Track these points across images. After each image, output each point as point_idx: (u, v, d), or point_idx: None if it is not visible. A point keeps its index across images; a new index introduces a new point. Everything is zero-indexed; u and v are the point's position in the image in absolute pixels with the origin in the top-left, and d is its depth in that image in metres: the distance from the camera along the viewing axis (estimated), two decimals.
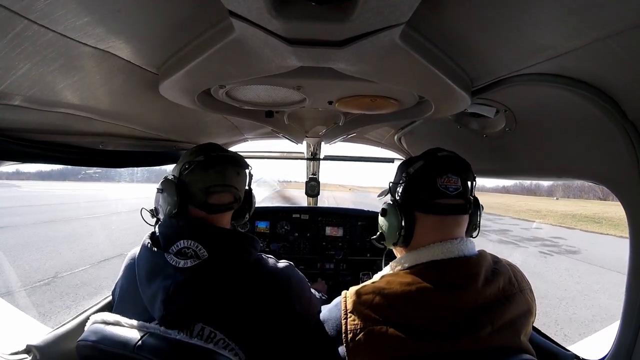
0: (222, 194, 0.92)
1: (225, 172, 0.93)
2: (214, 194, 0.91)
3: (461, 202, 0.78)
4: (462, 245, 0.75)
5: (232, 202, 0.95)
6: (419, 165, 0.82)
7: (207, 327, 0.75)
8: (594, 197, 44.72)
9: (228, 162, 0.94)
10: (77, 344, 0.74)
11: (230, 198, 0.94)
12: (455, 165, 0.80)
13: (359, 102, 0.97)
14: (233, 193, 0.94)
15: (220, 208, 0.92)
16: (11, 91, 0.66)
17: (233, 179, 0.94)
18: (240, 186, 0.98)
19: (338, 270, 2.00)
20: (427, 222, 0.79)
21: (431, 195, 0.78)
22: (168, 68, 0.73)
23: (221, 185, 0.92)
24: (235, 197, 0.95)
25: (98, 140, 1.10)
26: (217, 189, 0.91)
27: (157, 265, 0.79)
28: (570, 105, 0.75)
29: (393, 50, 0.57)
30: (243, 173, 0.99)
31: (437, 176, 0.77)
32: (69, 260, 6.81)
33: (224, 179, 0.92)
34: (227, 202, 0.93)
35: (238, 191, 0.96)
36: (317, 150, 2.13)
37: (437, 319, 0.66)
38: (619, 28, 0.48)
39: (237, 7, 0.46)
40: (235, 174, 0.95)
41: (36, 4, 0.45)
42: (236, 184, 0.95)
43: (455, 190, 0.77)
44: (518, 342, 0.69)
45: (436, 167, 0.79)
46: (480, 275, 0.71)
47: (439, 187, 0.76)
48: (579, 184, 3.61)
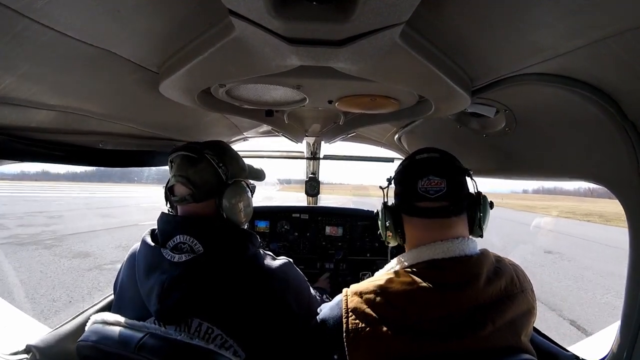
0: (176, 185, 0.91)
1: (179, 162, 0.91)
2: (173, 185, 0.92)
3: (444, 205, 0.76)
4: (463, 245, 0.75)
5: (188, 194, 0.89)
6: (399, 168, 0.82)
7: (205, 323, 0.75)
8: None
9: (183, 153, 0.91)
10: (77, 344, 0.74)
11: (183, 189, 0.90)
12: (437, 167, 0.77)
13: (359, 101, 0.97)
14: (185, 184, 0.89)
15: (177, 199, 0.91)
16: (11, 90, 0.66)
17: (186, 169, 0.89)
18: (199, 177, 0.90)
19: (338, 270, 2.00)
20: (415, 224, 0.80)
21: (412, 198, 0.77)
22: (168, 67, 0.73)
23: (174, 176, 0.91)
24: (190, 188, 0.89)
25: (98, 140, 1.10)
26: (172, 180, 0.91)
27: (154, 261, 0.80)
28: (570, 106, 0.75)
29: (393, 49, 0.57)
30: (203, 164, 0.91)
31: (417, 178, 0.76)
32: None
33: (177, 169, 0.90)
34: (181, 193, 0.90)
35: (192, 182, 0.89)
36: (316, 149, 2.13)
37: (438, 319, 0.66)
38: (619, 28, 0.48)
39: (237, 6, 0.46)
40: (187, 164, 0.90)
41: (36, 3, 0.45)
42: (190, 175, 0.89)
43: (437, 192, 0.74)
44: (518, 342, 0.69)
45: (416, 169, 0.78)
46: (482, 274, 0.70)
47: (418, 190, 0.75)
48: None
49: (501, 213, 19.46)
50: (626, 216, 0.75)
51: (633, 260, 0.74)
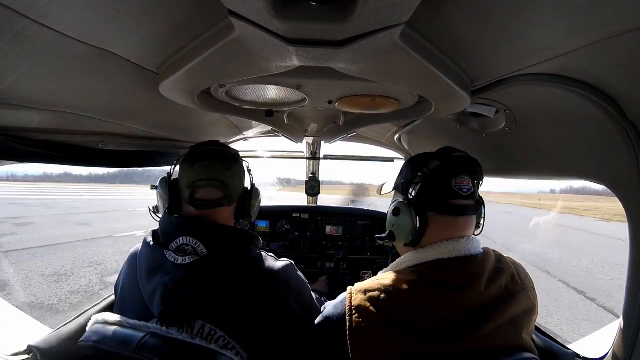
0: (208, 188, 0.88)
1: (211, 166, 0.89)
2: (199, 188, 0.88)
3: (472, 203, 0.79)
4: (469, 244, 0.76)
5: (222, 198, 0.89)
6: (435, 166, 0.80)
7: (207, 325, 0.75)
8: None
9: (215, 156, 0.90)
10: (78, 344, 0.74)
11: (218, 193, 0.89)
12: (468, 166, 0.80)
13: (359, 101, 0.97)
14: (221, 188, 0.89)
15: (208, 203, 0.88)
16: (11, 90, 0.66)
17: (221, 173, 0.89)
18: (233, 181, 0.92)
19: (338, 270, 2.01)
20: (440, 222, 0.79)
21: (446, 196, 0.77)
22: (168, 67, 0.73)
23: (206, 179, 0.88)
24: (225, 192, 0.90)
25: (98, 140, 1.10)
26: (202, 183, 0.88)
27: (157, 262, 0.79)
28: (570, 106, 0.75)
29: (393, 50, 0.57)
30: (236, 168, 0.93)
31: (452, 177, 0.77)
32: None
33: (209, 173, 0.88)
34: (215, 197, 0.89)
35: (227, 186, 0.90)
36: (316, 149, 2.13)
37: (441, 319, 0.66)
38: (619, 29, 0.48)
39: (237, 6, 0.46)
40: (223, 169, 0.90)
41: (37, 3, 0.45)
42: (225, 179, 0.90)
43: (468, 191, 0.77)
44: (519, 340, 0.69)
45: (452, 167, 0.79)
46: (484, 275, 0.71)
47: (453, 187, 0.76)
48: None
49: (554, 218, 17.11)
50: (626, 215, 0.75)
51: (633, 260, 0.74)
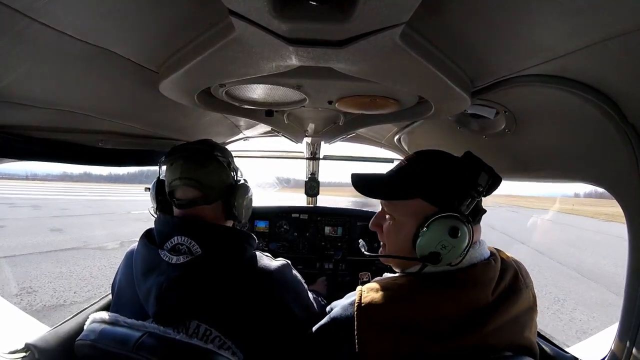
0: (183, 187, 0.88)
1: (185, 164, 0.88)
2: (176, 188, 0.88)
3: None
4: (483, 250, 0.76)
5: (198, 197, 0.88)
6: (485, 181, 0.73)
7: (203, 325, 0.75)
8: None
9: (189, 154, 0.89)
10: (76, 342, 0.74)
11: (193, 192, 0.88)
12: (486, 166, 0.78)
13: (359, 101, 0.97)
14: (196, 187, 0.87)
15: (184, 203, 0.88)
16: (11, 89, 0.66)
17: (195, 171, 0.88)
18: (209, 179, 0.89)
19: (337, 270, 2.00)
20: (474, 233, 0.74)
21: (479, 202, 0.76)
22: (168, 67, 0.73)
23: (179, 178, 0.87)
24: (201, 191, 0.88)
25: (97, 138, 1.10)
26: (177, 182, 0.87)
27: (152, 262, 0.79)
28: (570, 107, 0.75)
29: (393, 50, 0.57)
30: (212, 165, 0.90)
31: (477, 179, 0.75)
32: None
33: (183, 172, 0.87)
34: (191, 196, 0.88)
35: (203, 185, 0.88)
36: (316, 149, 2.13)
37: (447, 319, 0.66)
38: (619, 30, 0.48)
39: (237, 6, 0.46)
40: (197, 167, 0.88)
41: (37, 2, 0.45)
42: (199, 177, 0.87)
43: (487, 193, 0.76)
44: (521, 338, 0.69)
45: (476, 169, 0.74)
46: (494, 278, 0.71)
47: (481, 192, 0.75)
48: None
49: (604, 227, 14.45)
50: (625, 218, 0.75)
51: (632, 262, 0.74)
